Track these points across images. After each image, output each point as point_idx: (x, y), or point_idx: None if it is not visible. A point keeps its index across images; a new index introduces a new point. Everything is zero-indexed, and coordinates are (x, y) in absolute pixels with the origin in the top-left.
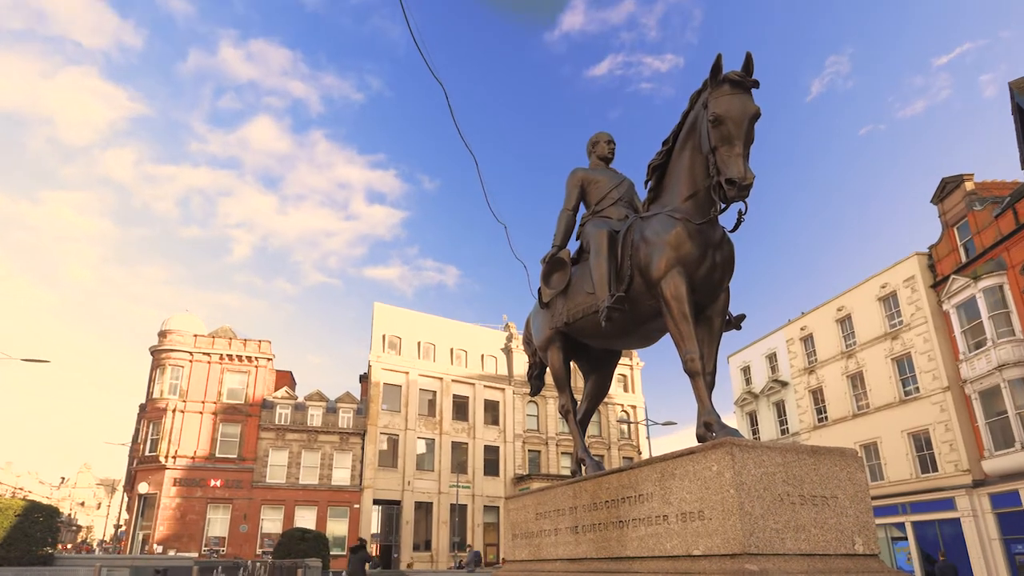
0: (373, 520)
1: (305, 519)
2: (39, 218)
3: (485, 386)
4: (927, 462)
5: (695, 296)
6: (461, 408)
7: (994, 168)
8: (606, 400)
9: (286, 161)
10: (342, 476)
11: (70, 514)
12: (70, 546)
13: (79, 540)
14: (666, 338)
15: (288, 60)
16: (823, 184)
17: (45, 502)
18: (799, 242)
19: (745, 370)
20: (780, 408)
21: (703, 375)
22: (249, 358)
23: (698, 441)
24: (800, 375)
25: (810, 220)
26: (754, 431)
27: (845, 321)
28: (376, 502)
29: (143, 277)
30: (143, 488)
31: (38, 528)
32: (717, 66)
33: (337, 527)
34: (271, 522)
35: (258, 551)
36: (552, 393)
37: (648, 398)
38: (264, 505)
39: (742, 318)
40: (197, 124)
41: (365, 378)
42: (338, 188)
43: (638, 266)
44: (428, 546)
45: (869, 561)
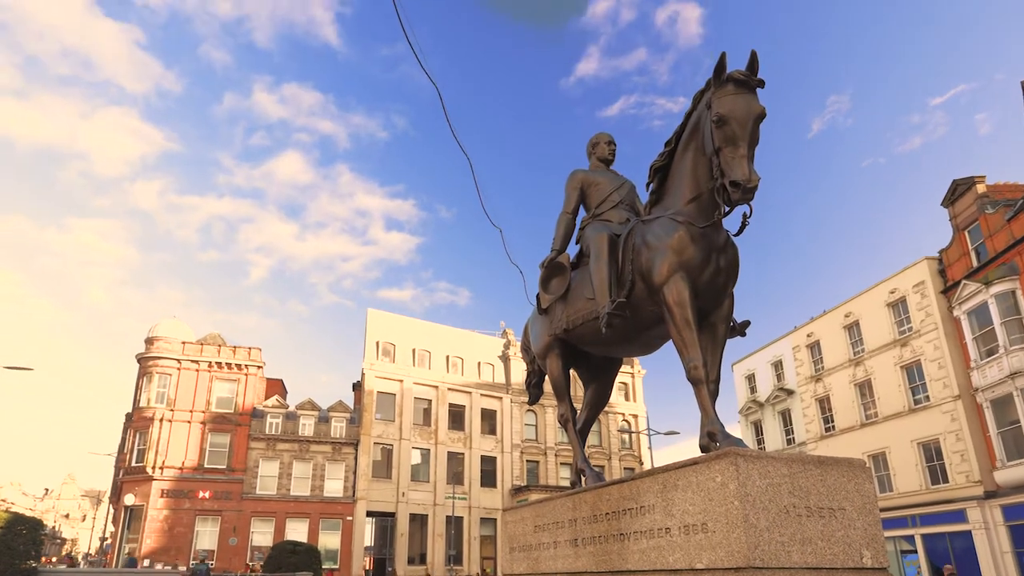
0: (366, 533)
1: (296, 532)
2: (65, 244)
3: (482, 394)
4: (937, 473)
5: (698, 302)
6: (457, 417)
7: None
8: (607, 409)
9: (308, 191)
10: (334, 487)
11: (54, 526)
12: (54, 559)
13: (63, 553)
14: (668, 345)
15: (319, 102)
16: (828, 185)
17: (28, 514)
18: (805, 246)
19: (750, 378)
20: (786, 417)
21: (707, 383)
22: (239, 366)
23: (701, 451)
24: (806, 383)
25: (817, 223)
26: (759, 441)
27: (853, 328)
28: (369, 514)
29: (160, 299)
30: (129, 500)
31: (21, 541)
32: (721, 65)
33: (329, 540)
34: (261, 535)
35: (248, 563)
36: (551, 402)
37: (650, 407)
38: (254, 517)
39: (747, 324)
40: (226, 159)
41: (358, 386)
42: (357, 216)
43: (639, 271)
44: (423, 560)
45: (878, 575)
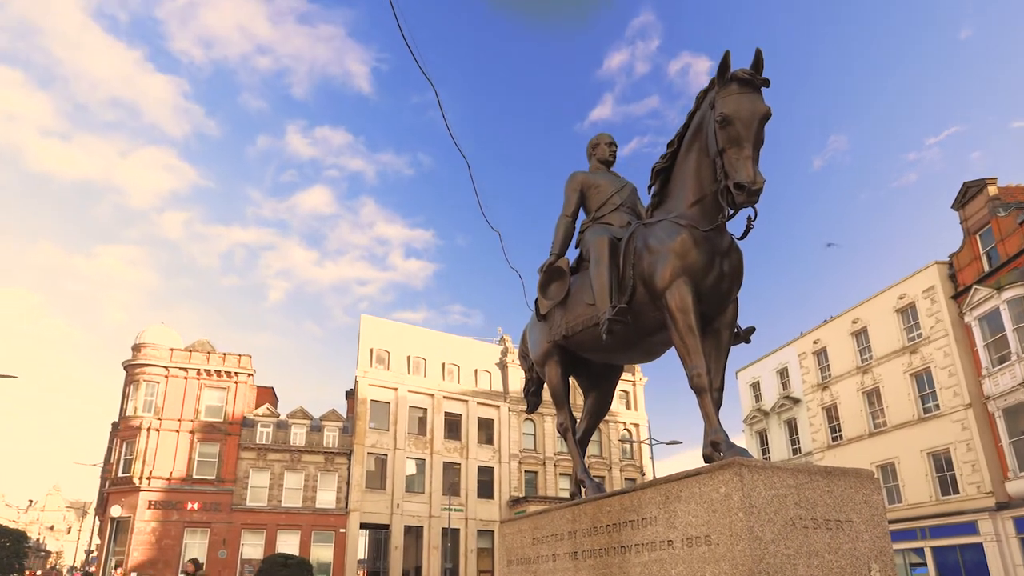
0: (360, 545)
1: (288, 544)
2: (91, 270)
3: (479, 403)
4: (948, 483)
5: (702, 307)
6: (453, 426)
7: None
8: (607, 418)
9: (329, 221)
10: (327, 498)
11: (38, 539)
12: (39, 573)
13: (48, 567)
14: (671, 352)
15: (349, 143)
16: (834, 188)
17: (12, 526)
18: (812, 250)
19: (755, 386)
20: (792, 426)
21: (710, 391)
22: (228, 373)
23: (705, 461)
24: (813, 391)
25: (823, 226)
26: (764, 451)
27: (861, 334)
28: (363, 526)
29: (178, 320)
30: (116, 511)
31: (4, 554)
32: (725, 64)
33: (322, 553)
34: (252, 547)
35: None
36: (550, 410)
37: (652, 416)
38: (244, 529)
39: (751, 331)
40: (255, 194)
41: (351, 394)
42: (378, 244)
43: (641, 276)
44: (418, 573)
45: None
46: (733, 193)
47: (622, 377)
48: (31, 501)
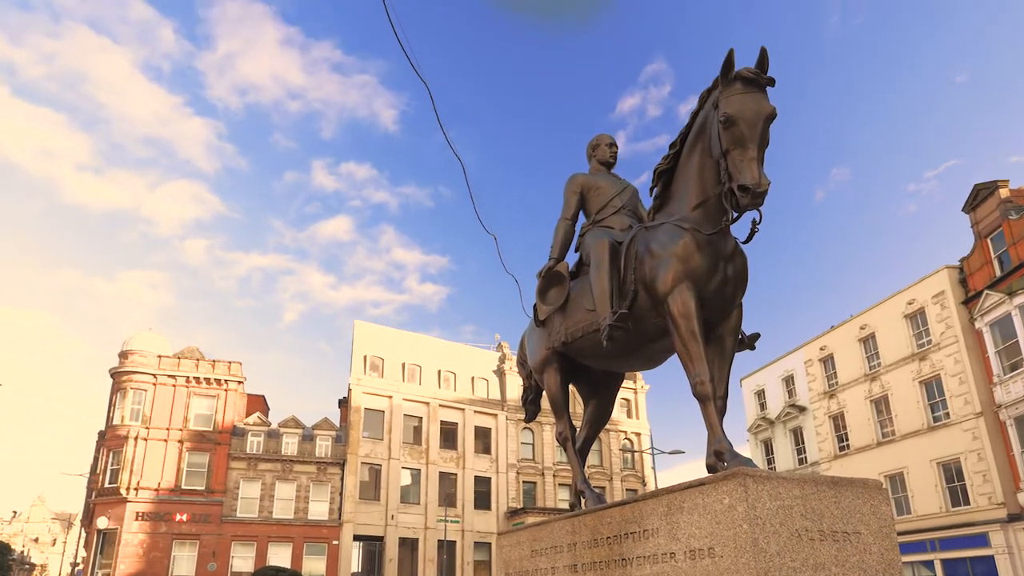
0: (353, 558)
1: (279, 557)
2: (112, 293)
3: (476, 411)
4: (958, 494)
5: (705, 313)
6: (449, 435)
7: None
8: (608, 427)
9: (348, 247)
10: (319, 510)
11: (23, 551)
12: None
13: None
14: (673, 359)
15: (373, 177)
16: (839, 190)
17: None
18: (818, 254)
19: (759, 394)
20: (798, 435)
21: (714, 399)
22: (218, 381)
23: (708, 471)
24: (819, 399)
25: (830, 230)
26: (769, 461)
27: (868, 340)
28: (357, 538)
29: (190, 341)
30: (102, 523)
31: None
32: (729, 62)
33: (314, 565)
34: (242, 560)
35: None
36: (549, 419)
37: (654, 425)
38: (235, 541)
39: (756, 337)
40: (277, 224)
41: (345, 403)
42: (395, 269)
43: (643, 280)
44: None
45: None
46: (737, 195)
47: (623, 385)
48: (15, 512)
